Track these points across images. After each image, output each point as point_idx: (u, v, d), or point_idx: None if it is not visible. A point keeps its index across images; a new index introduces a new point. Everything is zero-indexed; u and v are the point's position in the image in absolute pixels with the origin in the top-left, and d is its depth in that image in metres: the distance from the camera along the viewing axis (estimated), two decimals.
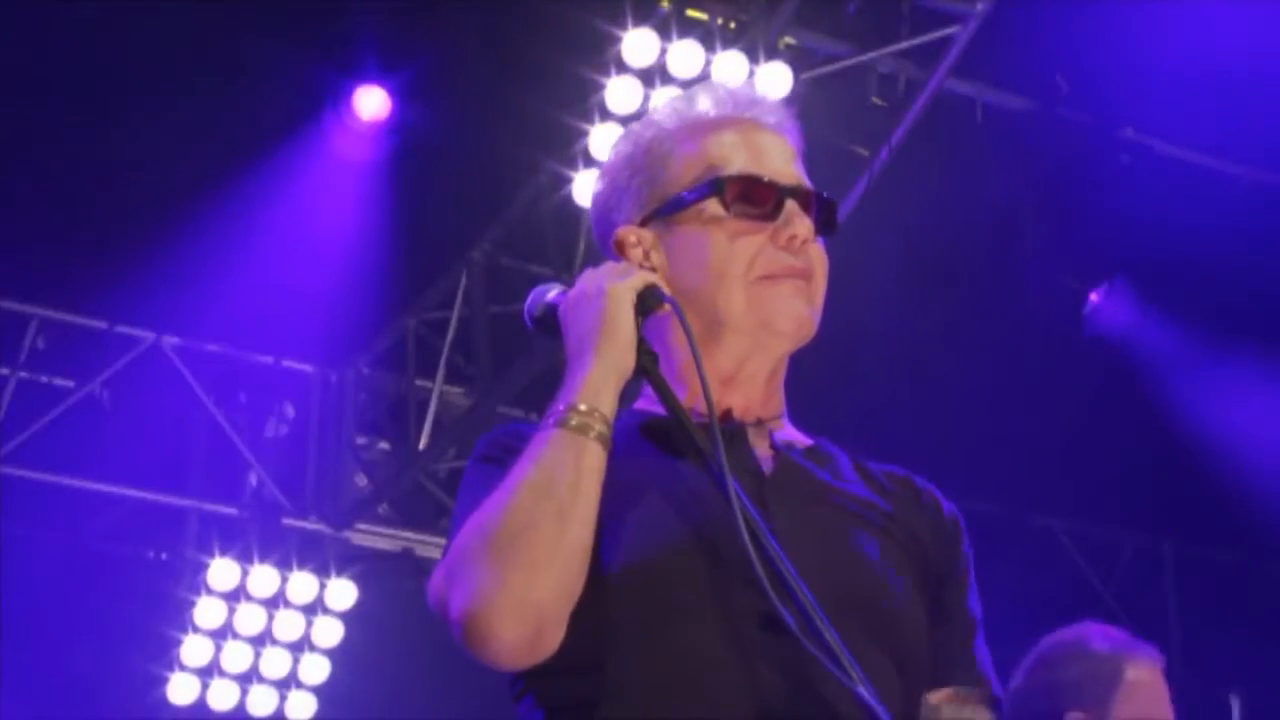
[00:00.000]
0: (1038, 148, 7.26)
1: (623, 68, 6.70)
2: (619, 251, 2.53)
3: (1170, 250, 7.56)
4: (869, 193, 7.03)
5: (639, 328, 2.39)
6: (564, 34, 6.74)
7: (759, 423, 2.52)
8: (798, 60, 6.90)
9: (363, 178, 7.35)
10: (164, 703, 7.92)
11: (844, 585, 2.33)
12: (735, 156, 2.54)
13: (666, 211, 2.52)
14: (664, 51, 6.69)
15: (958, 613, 2.53)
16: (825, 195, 2.58)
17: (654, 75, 6.73)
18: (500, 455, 2.39)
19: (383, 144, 7.23)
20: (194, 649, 7.96)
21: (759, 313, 2.47)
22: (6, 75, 6.65)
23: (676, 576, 2.30)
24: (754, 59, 6.76)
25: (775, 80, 6.79)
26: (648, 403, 2.52)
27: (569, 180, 6.93)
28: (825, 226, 2.56)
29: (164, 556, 8.09)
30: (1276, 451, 8.29)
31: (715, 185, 2.50)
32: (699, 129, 2.58)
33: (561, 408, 2.30)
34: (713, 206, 2.50)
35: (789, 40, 6.88)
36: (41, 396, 7.85)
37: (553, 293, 2.50)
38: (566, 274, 6.88)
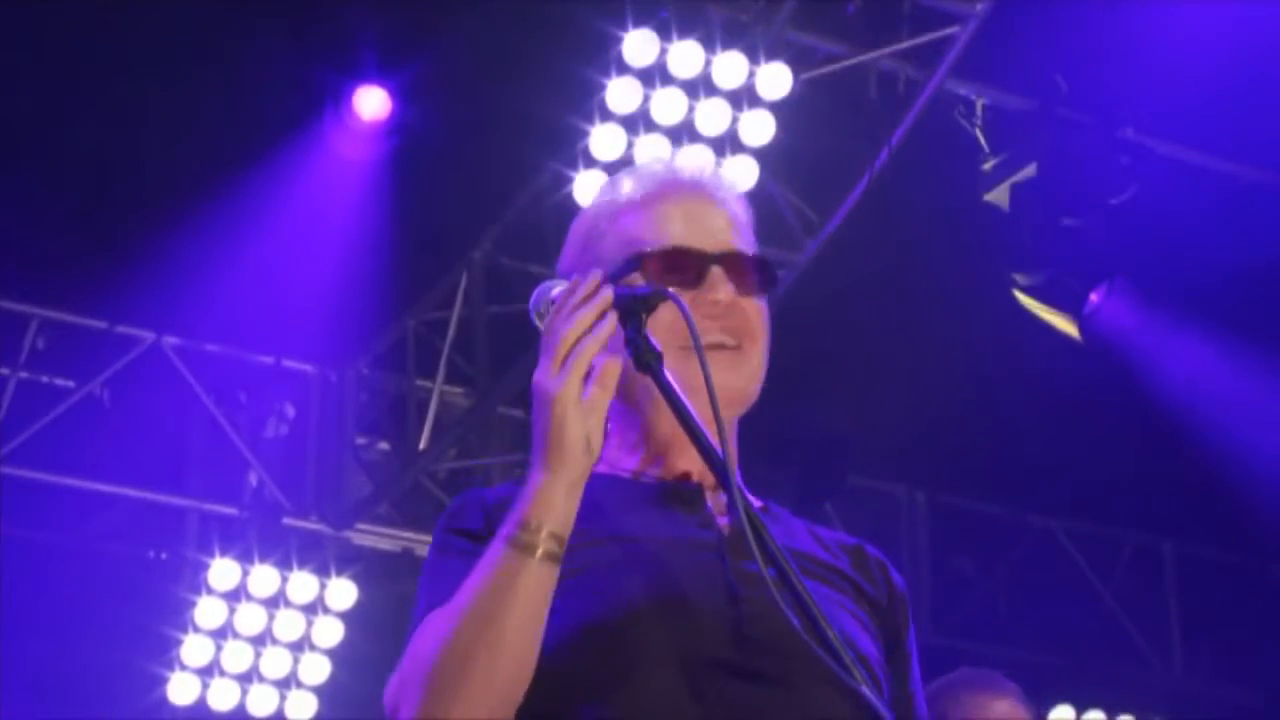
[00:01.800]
0: (1038, 148, 7.26)
1: (623, 68, 6.71)
2: None
3: (1170, 250, 7.56)
4: (867, 194, 7.04)
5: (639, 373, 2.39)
6: (564, 34, 6.74)
7: (716, 485, 2.54)
8: (798, 60, 6.91)
9: (363, 178, 7.35)
10: (164, 702, 7.92)
11: (806, 634, 2.34)
12: (661, 230, 2.58)
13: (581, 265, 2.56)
14: (664, 51, 6.69)
15: (904, 683, 2.56)
16: (757, 256, 2.62)
17: (654, 75, 6.74)
18: (460, 536, 2.45)
19: (383, 144, 7.23)
20: (194, 649, 7.96)
21: (687, 382, 2.44)
22: (6, 75, 6.65)
23: (643, 628, 2.33)
24: (754, 59, 6.76)
25: (775, 80, 6.80)
26: (617, 463, 2.57)
27: (569, 180, 6.93)
28: (760, 286, 2.60)
29: (164, 556, 8.09)
30: (1276, 451, 8.30)
31: (636, 260, 2.55)
32: (630, 209, 2.62)
33: (512, 523, 2.33)
34: (636, 282, 2.53)
35: (789, 40, 6.88)
36: (41, 396, 7.85)
37: (556, 289, 2.50)
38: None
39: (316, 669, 8.16)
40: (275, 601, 8.08)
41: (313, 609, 8.13)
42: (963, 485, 9.33)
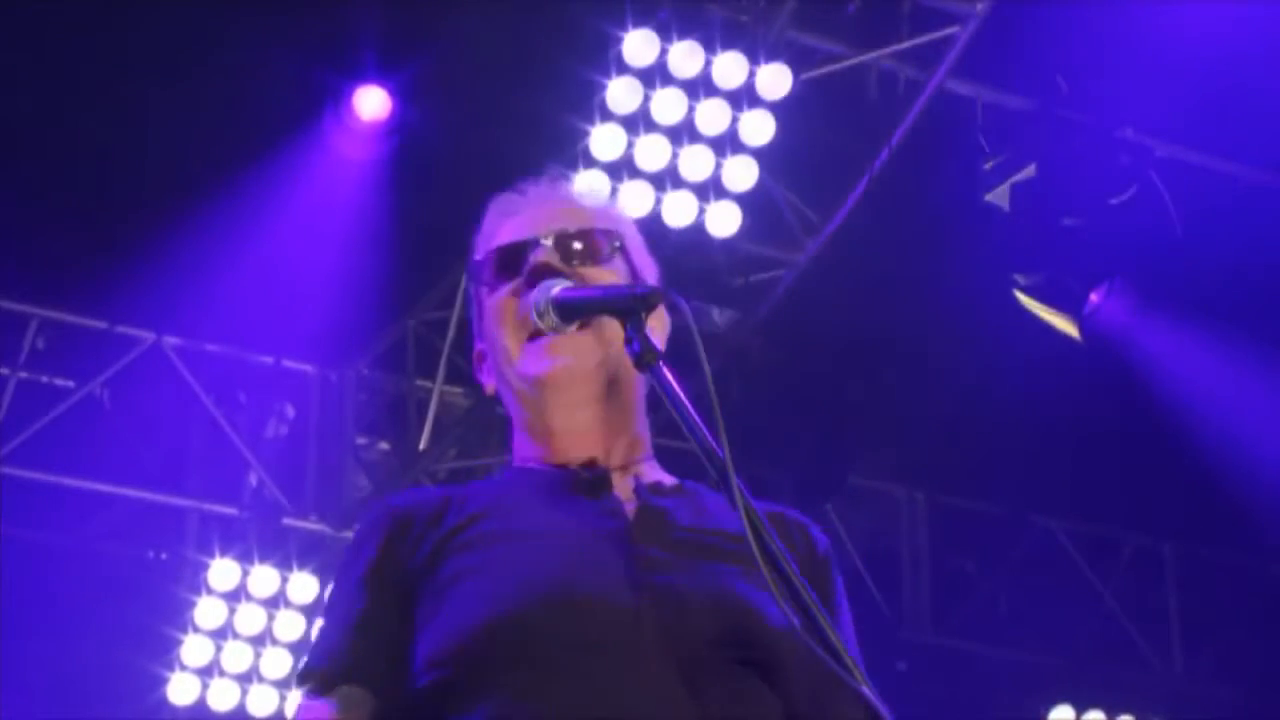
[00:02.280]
0: (1038, 148, 7.27)
1: (623, 68, 6.71)
2: (476, 372, 2.75)
3: (1170, 250, 7.56)
4: (867, 194, 7.04)
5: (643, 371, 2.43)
6: (564, 34, 6.74)
7: (624, 468, 2.60)
8: (798, 60, 6.91)
9: (363, 178, 7.35)
10: (164, 703, 7.92)
11: (711, 620, 2.39)
12: (493, 239, 2.70)
13: (478, 322, 2.72)
14: (664, 52, 6.69)
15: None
16: (589, 229, 2.65)
17: (654, 75, 6.74)
18: (358, 550, 2.54)
19: (383, 144, 7.23)
20: (194, 649, 7.96)
21: (524, 371, 2.59)
22: (6, 75, 6.65)
23: (545, 622, 2.35)
24: (754, 59, 6.77)
25: (775, 80, 6.80)
26: (524, 455, 2.64)
27: (569, 180, 6.92)
28: (599, 255, 2.65)
29: (164, 556, 8.08)
30: (1276, 451, 8.29)
31: (475, 275, 2.70)
32: (483, 238, 2.74)
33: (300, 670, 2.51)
34: (480, 294, 2.69)
35: (789, 40, 6.89)
36: (42, 396, 7.85)
37: (557, 288, 2.52)
38: None
39: None
40: (275, 602, 8.08)
41: (312, 610, 8.13)
42: (963, 485, 9.33)
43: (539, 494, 2.54)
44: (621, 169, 6.89)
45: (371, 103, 7.14)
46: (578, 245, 2.63)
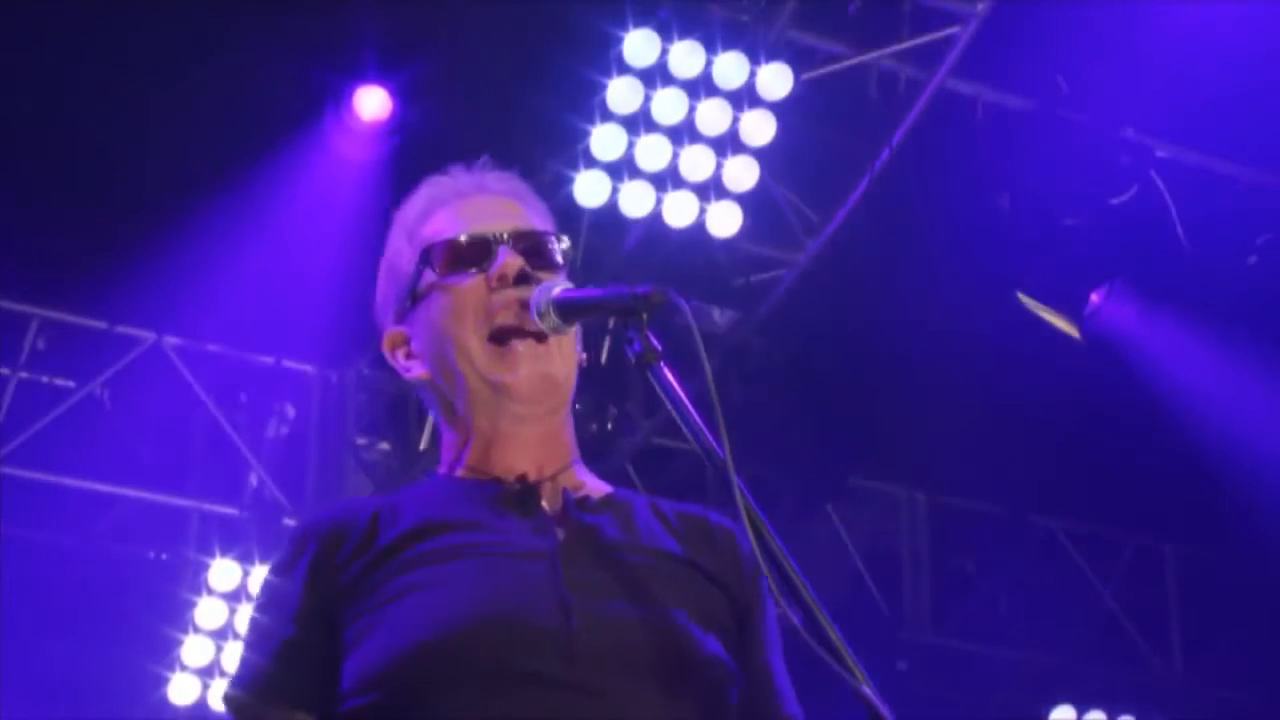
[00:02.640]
0: (1038, 148, 7.27)
1: (624, 68, 6.71)
2: (389, 356, 2.68)
3: (1170, 250, 7.56)
4: (867, 194, 7.04)
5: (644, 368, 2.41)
6: (565, 34, 6.74)
7: (553, 478, 2.56)
8: (798, 60, 6.91)
9: (363, 178, 7.34)
10: (165, 703, 7.92)
11: (641, 643, 2.38)
12: (443, 229, 2.65)
13: (406, 304, 2.65)
14: (665, 52, 6.69)
15: (759, 653, 2.56)
16: (546, 231, 2.65)
17: (655, 75, 6.74)
18: (286, 568, 2.50)
19: (383, 144, 7.23)
20: (195, 649, 7.96)
21: (490, 376, 2.53)
22: (6, 75, 6.65)
23: (472, 648, 2.34)
24: (754, 59, 6.76)
25: (776, 80, 6.80)
26: (454, 459, 2.60)
27: (570, 180, 6.93)
28: (554, 261, 2.63)
29: (164, 556, 8.08)
30: (1276, 452, 8.29)
31: (424, 257, 2.63)
32: (419, 217, 2.71)
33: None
34: (429, 278, 2.62)
35: (789, 40, 6.89)
36: (42, 396, 7.85)
37: (557, 288, 2.51)
38: (566, 273, 6.88)
39: None
40: None
41: None
42: (963, 485, 9.33)
43: (469, 510, 2.50)
44: (622, 169, 6.90)
45: (371, 103, 7.14)
46: (536, 249, 2.61)
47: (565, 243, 2.67)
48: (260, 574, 8.01)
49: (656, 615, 2.41)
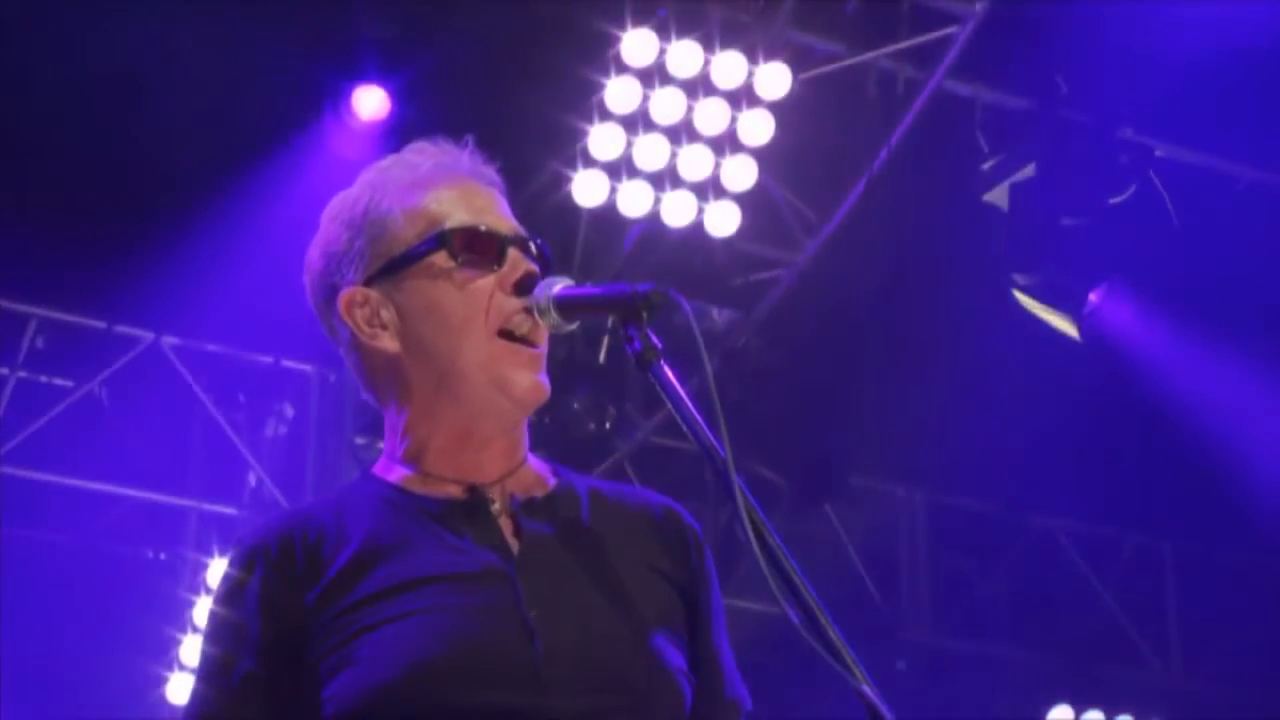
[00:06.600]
0: (1038, 148, 7.26)
1: (622, 68, 6.71)
2: (346, 314, 2.56)
3: (1170, 250, 7.56)
4: (867, 194, 7.04)
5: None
6: (564, 34, 6.75)
7: (500, 480, 2.53)
8: (797, 60, 6.91)
9: None
10: (164, 703, 7.91)
11: (607, 661, 2.38)
12: (455, 211, 2.58)
13: (393, 269, 2.56)
14: (664, 51, 6.70)
15: (707, 643, 2.56)
16: (540, 242, 2.63)
17: (654, 75, 6.74)
18: (236, 593, 2.44)
19: (383, 144, 7.22)
20: (194, 649, 7.95)
21: (494, 369, 2.49)
22: (6, 75, 6.65)
23: (438, 686, 2.32)
24: (754, 59, 6.77)
25: (774, 80, 6.80)
26: (399, 454, 2.54)
27: (568, 180, 6.93)
28: (542, 273, 2.60)
29: (164, 556, 8.08)
30: (1276, 451, 8.30)
31: (441, 238, 2.54)
32: (416, 186, 2.63)
33: None
34: (440, 259, 2.54)
35: (788, 40, 6.89)
36: (41, 396, 7.85)
37: (558, 286, 2.51)
38: (565, 272, 6.88)
39: None
40: None
41: None
42: (963, 485, 9.33)
43: (420, 530, 2.46)
44: (621, 168, 6.90)
45: (371, 103, 7.14)
46: (533, 256, 2.60)
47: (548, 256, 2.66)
48: None
49: (618, 628, 2.42)
